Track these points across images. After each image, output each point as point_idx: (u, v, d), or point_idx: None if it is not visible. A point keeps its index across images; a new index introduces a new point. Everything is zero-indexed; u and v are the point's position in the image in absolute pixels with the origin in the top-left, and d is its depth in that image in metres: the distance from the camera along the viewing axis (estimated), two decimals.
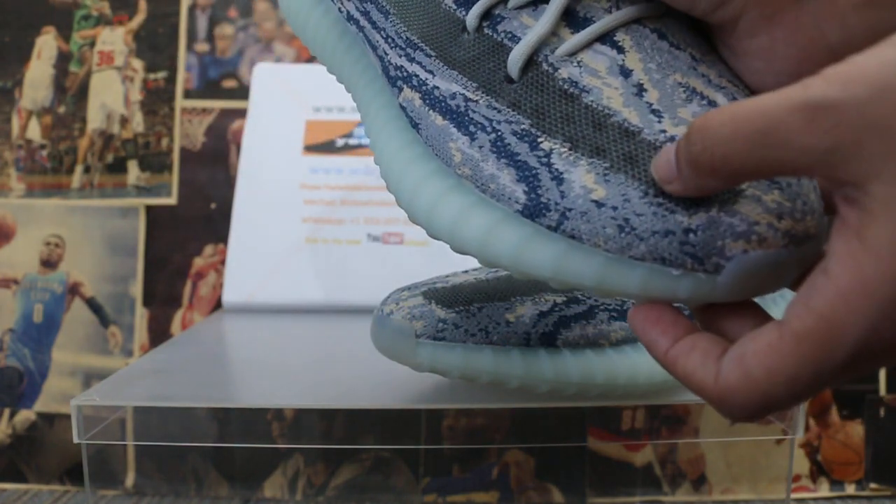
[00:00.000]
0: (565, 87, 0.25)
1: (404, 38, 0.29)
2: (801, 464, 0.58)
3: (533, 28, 0.26)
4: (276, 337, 0.50)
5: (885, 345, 0.19)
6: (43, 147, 0.64)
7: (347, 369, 0.40)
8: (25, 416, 0.61)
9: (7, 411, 0.61)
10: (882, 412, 0.58)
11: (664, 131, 0.24)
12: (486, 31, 0.27)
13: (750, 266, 0.22)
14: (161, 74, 0.65)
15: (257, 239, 0.58)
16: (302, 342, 0.49)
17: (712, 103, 0.24)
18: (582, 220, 0.24)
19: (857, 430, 0.58)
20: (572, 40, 0.26)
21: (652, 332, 0.24)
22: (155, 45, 0.65)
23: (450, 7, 0.28)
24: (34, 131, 0.65)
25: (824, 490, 0.58)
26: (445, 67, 0.28)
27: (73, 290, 0.62)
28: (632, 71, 0.25)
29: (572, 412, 0.34)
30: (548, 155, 0.25)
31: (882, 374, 0.58)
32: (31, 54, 0.65)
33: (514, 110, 0.26)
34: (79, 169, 0.64)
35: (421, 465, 0.57)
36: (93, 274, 0.62)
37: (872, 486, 0.57)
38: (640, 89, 0.25)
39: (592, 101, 0.25)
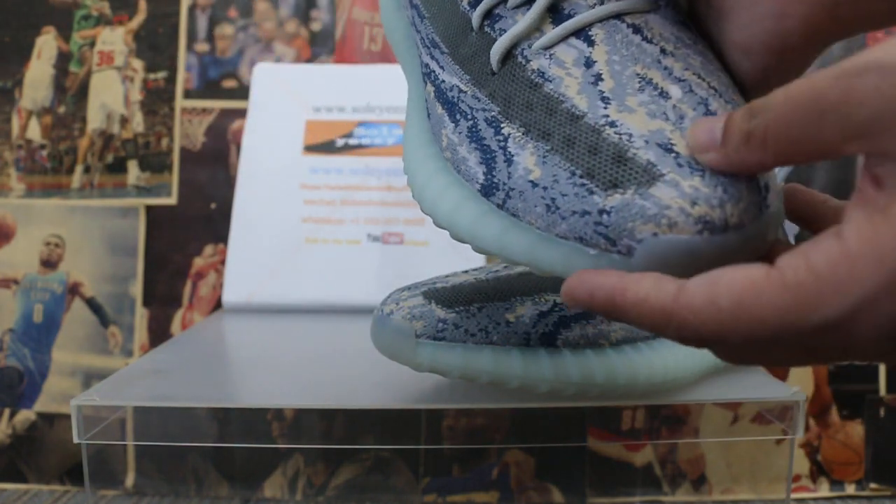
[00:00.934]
0: (533, 77, 0.27)
1: (430, 38, 0.32)
2: (801, 464, 0.58)
3: (516, 24, 0.28)
4: (276, 337, 0.50)
5: (874, 315, 0.19)
6: (43, 147, 0.64)
7: (347, 369, 0.40)
8: (25, 416, 0.61)
9: (7, 411, 0.61)
10: (882, 412, 0.58)
11: (607, 116, 0.24)
12: (486, 29, 0.29)
13: (660, 250, 0.22)
14: (161, 74, 0.65)
15: (257, 239, 0.58)
16: (302, 342, 0.49)
17: (664, 94, 0.25)
18: (520, 199, 0.25)
19: (857, 430, 0.58)
20: (549, 35, 0.27)
21: (592, 276, 0.23)
22: (155, 45, 0.65)
23: (464, 8, 0.30)
24: (34, 131, 0.65)
25: (824, 490, 0.58)
26: (452, 63, 0.30)
27: (73, 290, 0.62)
28: (595, 62, 0.26)
29: (572, 412, 0.34)
30: (506, 139, 0.26)
31: (882, 373, 0.58)
32: (31, 54, 0.65)
33: (490, 100, 0.27)
34: (79, 169, 0.64)
35: (421, 465, 0.57)
36: (93, 274, 0.62)
37: (872, 486, 0.57)
38: (598, 79, 0.25)
39: (552, 90, 0.26)
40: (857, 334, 0.19)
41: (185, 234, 0.63)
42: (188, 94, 0.65)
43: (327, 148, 0.60)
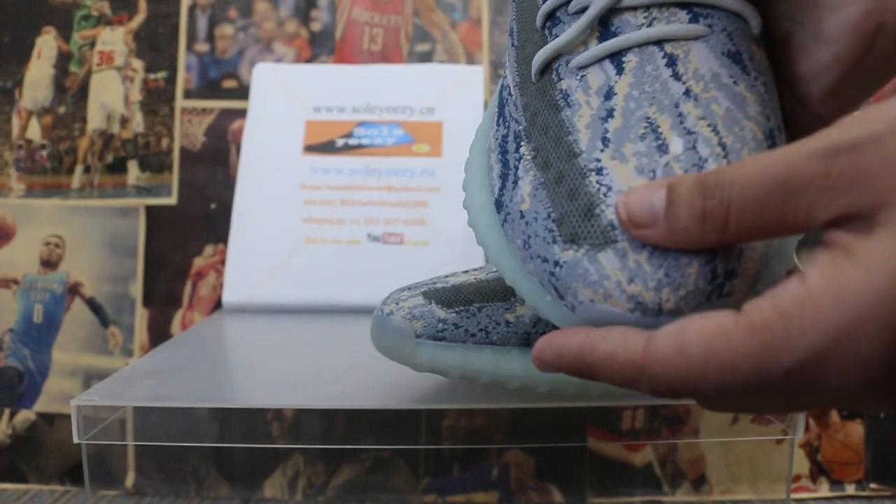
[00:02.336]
0: (557, 97, 0.26)
1: (511, 27, 0.31)
2: (801, 464, 0.58)
3: (562, 35, 0.26)
4: (276, 337, 0.50)
5: (842, 359, 0.18)
6: (43, 147, 0.64)
7: (347, 369, 0.40)
8: (25, 416, 0.61)
9: (7, 411, 0.61)
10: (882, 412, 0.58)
11: (598, 160, 0.24)
12: (545, 31, 0.28)
13: (595, 317, 0.22)
14: (161, 74, 0.65)
15: (257, 239, 0.58)
16: (302, 342, 0.49)
17: (662, 147, 0.23)
18: (510, 226, 0.26)
19: (857, 430, 0.58)
20: (586, 53, 0.26)
21: (559, 337, 0.23)
22: (155, 45, 0.65)
23: (539, 3, 0.29)
24: (34, 131, 0.65)
25: (824, 490, 0.58)
26: (515, 59, 0.29)
27: (73, 290, 0.62)
28: (615, 95, 0.25)
29: (572, 412, 0.34)
30: (520, 160, 0.26)
31: None
32: (31, 54, 0.65)
33: (523, 111, 0.27)
34: (79, 169, 0.64)
35: (421, 465, 0.57)
36: (93, 274, 0.62)
37: (872, 486, 0.57)
38: (609, 114, 0.24)
39: (567, 117, 0.25)
40: (827, 378, 0.19)
41: (185, 234, 0.63)
42: (188, 94, 0.65)
43: (327, 148, 0.60)
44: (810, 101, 0.27)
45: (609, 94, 0.25)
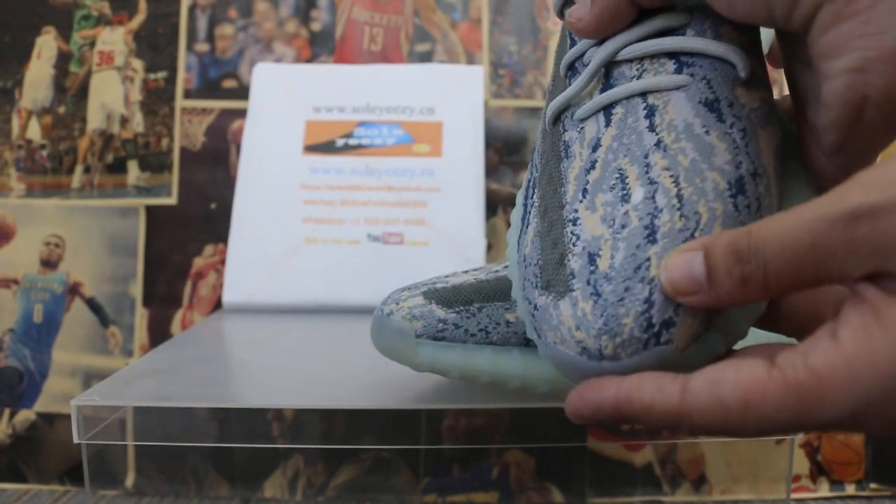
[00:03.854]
0: (561, 148, 0.28)
1: (548, 92, 0.32)
2: (801, 464, 0.58)
3: (570, 86, 0.28)
4: (276, 337, 0.50)
5: (877, 418, 0.19)
6: (43, 147, 0.64)
7: (347, 369, 0.40)
8: (25, 416, 0.61)
9: (7, 411, 0.61)
10: None
11: (576, 211, 0.25)
12: (567, 80, 0.29)
13: (555, 357, 0.24)
14: (161, 74, 0.65)
15: (257, 239, 0.58)
16: (302, 342, 0.49)
17: (625, 197, 0.25)
18: (517, 266, 0.28)
19: None
20: (585, 106, 0.27)
21: (590, 395, 0.23)
22: (155, 45, 0.65)
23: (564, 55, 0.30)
24: (34, 131, 0.65)
25: (824, 490, 0.58)
26: (546, 107, 0.30)
27: (73, 290, 0.62)
28: (600, 147, 0.26)
29: None
30: (532, 206, 0.28)
31: None
32: (31, 54, 0.65)
33: (539, 158, 0.29)
34: (79, 169, 0.64)
35: (421, 465, 0.57)
36: (93, 274, 0.62)
37: (872, 486, 0.57)
38: (592, 166, 0.26)
39: (564, 168, 0.27)
40: (861, 429, 0.20)
41: (185, 234, 0.63)
42: (188, 94, 0.65)
43: (327, 148, 0.60)
44: (823, 150, 0.28)
45: (595, 146, 0.26)
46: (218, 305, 0.62)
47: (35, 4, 0.66)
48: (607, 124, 0.26)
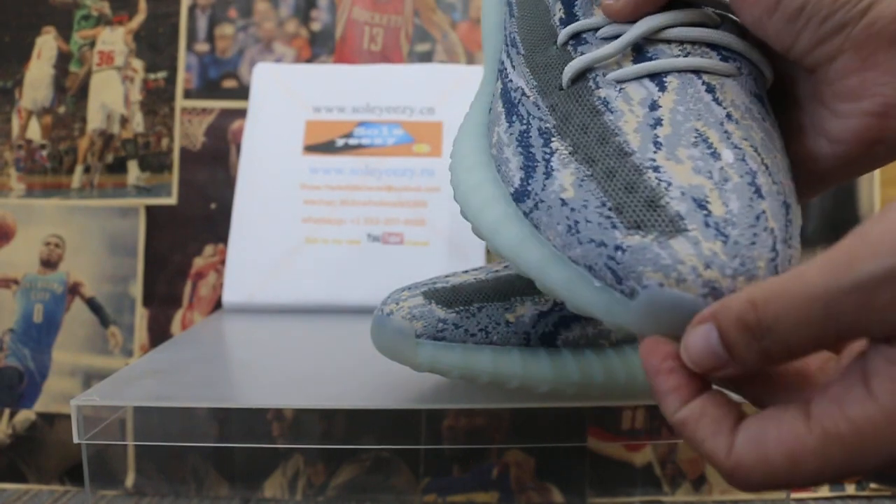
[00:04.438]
0: (597, 103, 0.27)
1: (512, 37, 0.32)
2: None
3: (594, 52, 0.28)
4: (276, 337, 0.50)
5: None
6: (43, 147, 0.64)
7: (347, 369, 0.40)
8: (25, 416, 0.61)
9: (7, 411, 0.61)
10: None
11: (653, 160, 0.25)
12: (569, 48, 0.29)
13: (661, 302, 0.23)
14: (161, 74, 0.65)
15: (257, 239, 0.58)
16: (302, 342, 0.49)
17: (715, 154, 0.25)
18: (546, 213, 0.26)
19: None
20: (626, 69, 0.27)
21: (664, 385, 0.24)
22: (155, 45, 0.65)
23: (555, 23, 0.31)
24: (34, 131, 0.65)
25: (824, 490, 0.58)
26: (524, 65, 0.30)
27: (73, 290, 0.62)
28: (660, 107, 0.26)
29: (572, 412, 0.34)
30: (552, 153, 0.27)
31: None
32: (31, 54, 0.65)
33: (549, 111, 0.28)
34: (79, 169, 0.64)
35: (421, 465, 0.57)
36: (93, 274, 0.62)
37: (872, 486, 0.57)
38: (658, 123, 0.26)
39: (610, 120, 0.26)
40: None
41: (185, 234, 0.63)
42: (188, 94, 0.65)
43: (327, 148, 0.60)
44: (814, 170, 0.29)
45: (654, 107, 0.26)
46: (218, 305, 0.62)
47: (35, 4, 0.66)
48: (661, 90, 0.27)
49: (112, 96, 0.65)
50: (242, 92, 0.65)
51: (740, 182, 0.24)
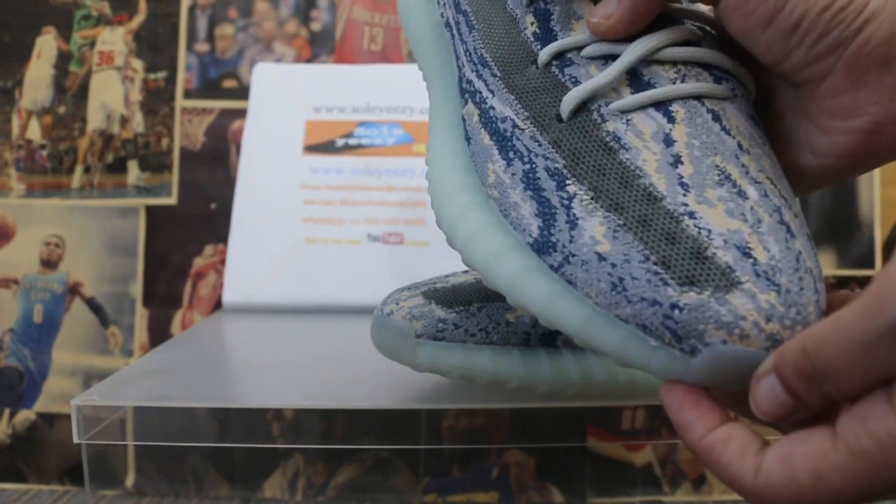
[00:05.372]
0: (607, 139, 0.26)
1: (479, 54, 0.30)
2: None
3: (595, 77, 0.27)
4: (276, 337, 0.50)
5: None
6: (43, 147, 0.64)
7: (347, 369, 0.40)
8: (25, 416, 0.61)
9: (7, 411, 0.61)
10: None
11: (686, 205, 0.24)
12: (553, 69, 0.28)
13: (726, 358, 0.22)
14: (161, 74, 0.65)
15: (257, 239, 0.58)
16: (302, 342, 0.49)
17: (742, 193, 0.24)
18: (581, 269, 0.24)
19: None
20: (629, 99, 0.26)
21: (688, 415, 0.24)
22: (155, 45, 0.65)
23: (528, 38, 0.29)
24: (34, 131, 0.65)
25: None
26: (505, 90, 0.28)
27: (73, 290, 0.62)
28: (675, 142, 0.25)
29: (572, 412, 0.34)
30: (570, 198, 0.25)
31: None
32: (31, 54, 0.65)
33: (553, 148, 0.26)
34: (79, 169, 0.64)
35: (421, 465, 0.57)
36: (93, 274, 0.62)
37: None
38: (677, 161, 0.25)
39: (627, 159, 0.25)
40: None
41: (185, 234, 0.63)
42: (188, 94, 0.65)
43: (327, 148, 0.60)
44: (794, 179, 0.29)
45: (668, 141, 0.25)
46: (218, 305, 0.62)
47: (35, 4, 0.66)
48: (671, 121, 0.26)
49: (112, 96, 0.65)
50: (242, 92, 0.65)
51: (771, 222, 0.24)
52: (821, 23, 0.25)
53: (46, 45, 0.65)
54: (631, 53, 0.26)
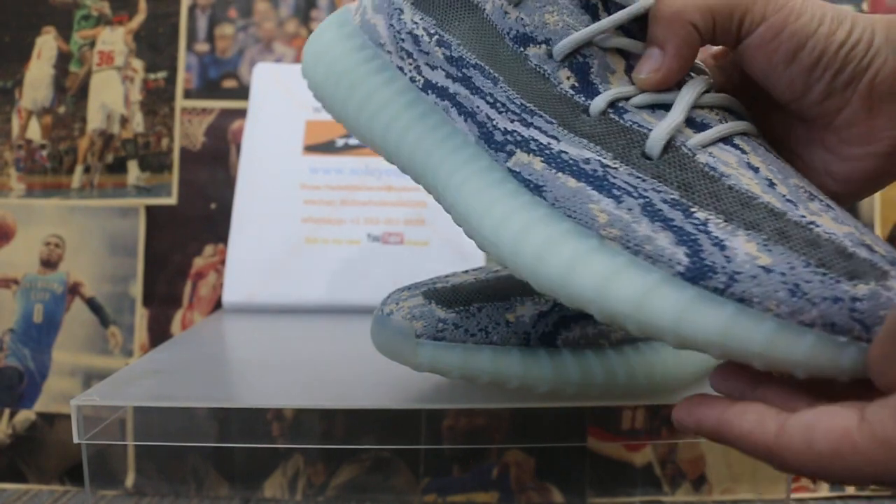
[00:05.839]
0: (706, 169, 0.27)
1: (518, 103, 0.29)
2: None
3: (668, 116, 0.28)
4: (276, 337, 0.50)
5: None
6: (43, 147, 0.64)
7: (347, 369, 0.40)
8: (25, 416, 0.61)
9: (7, 411, 0.61)
10: None
11: (803, 216, 0.26)
12: (611, 116, 0.28)
13: None
14: (161, 74, 0.65)
15: (257, 239, 0.58)
16: (302, 342, 0.49)
17: (829, 206, 0.27)
18: (753, 284, 0.24)
19: None
20: (705, 133, 0.28)
21: (699, 409, 0.26)
22: (155, 45, 0.65)
23: (565, 91, 0.29)
24: (34, 131, 0.65)
25: (824, 490, 0.58)
26: (572, 135, 0.28)
27: (73, 290, 0.62)
28: (758, 168, 0.27)
29: (572, 412, 0.34)
30: (704, 223, 0.25)
31: None
32: (31, 54, 0.65)
33: (659, 181, 0.27)
34: (79, 169, 0.64)
35: (421, 465, 0.57)
36: (93, 274, 0.62)
37: (872, 486, 0.57)
38: (771, 183, 0.27)
39: (734, 185, 0.27)
40: None
41: (185, 234, 0.63)
42: (188, 94, 0.65)
43: (327, 148, 0.60)
44: None
45: (753, 168, 0.27)
46: (218, 305, 0.62)
47: (35, 4, 0.66)
48: (742, 152, 0.28)
49: (112, 96, 0.65)
50: (242, 92, 0.65)
51: (859, 225, 0.26)
52: (838, 59, 0.27)
53: (46, 45, 0.65)
54: (685, 98, 0.29)
